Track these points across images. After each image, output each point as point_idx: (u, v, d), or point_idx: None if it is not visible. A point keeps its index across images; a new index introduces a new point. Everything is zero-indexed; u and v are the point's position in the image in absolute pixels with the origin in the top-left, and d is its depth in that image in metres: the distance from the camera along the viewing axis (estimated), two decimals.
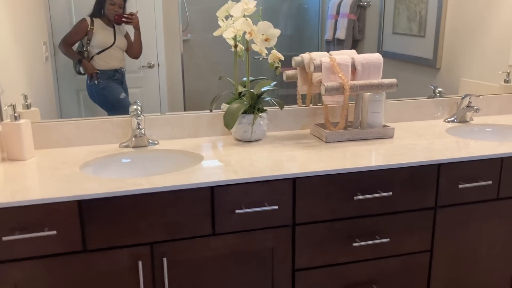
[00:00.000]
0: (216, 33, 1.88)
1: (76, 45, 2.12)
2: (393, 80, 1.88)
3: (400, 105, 2.20)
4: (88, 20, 2.12)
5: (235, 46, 1.90)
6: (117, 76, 2.18)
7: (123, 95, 2.19)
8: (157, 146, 1.84)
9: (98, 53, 2.13)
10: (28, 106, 1.83)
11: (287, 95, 2.19)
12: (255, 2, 1.77)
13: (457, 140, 1.89)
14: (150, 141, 1.85)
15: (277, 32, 1.76)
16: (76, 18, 2.22)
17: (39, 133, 1.79)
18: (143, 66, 2.34)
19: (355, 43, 2.69)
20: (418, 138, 1.91)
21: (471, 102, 2.16)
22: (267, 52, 1.80)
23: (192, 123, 1.95)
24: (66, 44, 2.11)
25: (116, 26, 2.17)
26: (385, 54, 2.64)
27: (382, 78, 1.93)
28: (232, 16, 1.80)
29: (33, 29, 2.04)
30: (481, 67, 2.34)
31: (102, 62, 2.16)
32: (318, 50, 2.89)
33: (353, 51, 2.08)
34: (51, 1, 2.14)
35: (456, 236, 1.78)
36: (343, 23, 2.69)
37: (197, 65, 2.53)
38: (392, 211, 1.66)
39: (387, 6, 2.60)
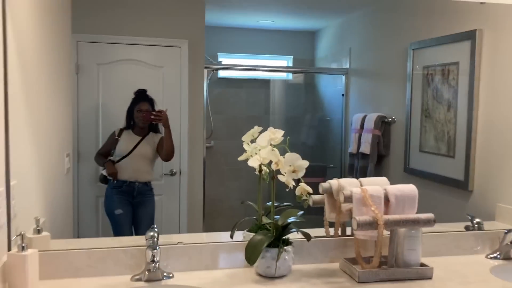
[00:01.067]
0: (241, 158, 1.81)
1: None
2: (431, 216, 1.74)
3: (435, 237, 2.03)
4: (117, 131, 2.13)
5: (260, 171, 1.80)
6: (123, 188, 2.13)
7: (118, 211, 2.12)
8: (172, 280, 1.68)
9: (118, 161, 2.10)
10: (39, 231, 1.72)
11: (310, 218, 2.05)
12: (283, 132, 1.70)
13: (504, 286, 1.69)
14: (165, 274, 1.70)
15: (305, 163, 1.67)
16: (103, 129, 2.23)
17: (47, 262, 1.66)
18: (165, 174, 2.30)
19: (380, 158, 2.63)
20: (460, 281, 1.72)
21: None
22: (294, 184, 1.69)
23: (211, 253, 1.80)
24: (98, 154, 2.12)
25: (148, 136, 2.15)
26: (412, 172, 2.56)
27: None
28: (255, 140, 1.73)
29: (57, 142, 2.03)
30: None
31: (119, 171, 2.11)
32: (341, 162, 2.83)
33: (385, 179, 1.97)
34: (80, 113, 2.17)
35: None
36: (367, 138, 2.65)
37: (219, 171, 2.50)
38: None
39: (413, 124, 2.56)
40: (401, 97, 2.60)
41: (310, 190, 1.72)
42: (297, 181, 1.73)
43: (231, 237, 1.80)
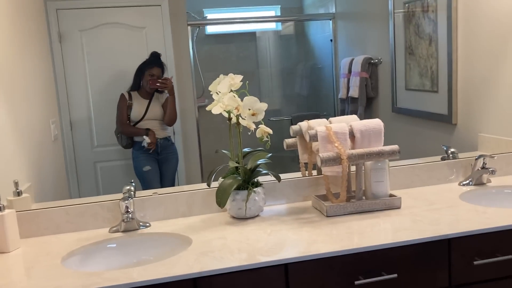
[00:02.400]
0: (208, 108, 1.83)
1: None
2: (395, 147, 1.76)
3: (410, 169, 2.06)
4: (126, 95, 2.17)
5: (230, 118, 1.83)
6: (146, 147, 2.19)
7: (146, 167, 2.19)
8: (148, 229, 1.75)
9: (134, 125, 2.16)
10: (19, 193, 1.78)
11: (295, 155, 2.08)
12: (241, 77, 1.71)
13: (471, 208, 1.72)
14: (141, 223, 1.76)
15: (264, 106, 1.69)
16: (92, 95, 2.25)
17: (28, 221, 1.74)
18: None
19: (369, 101, 2.63)
20: (428, 208, 1.76)
21: (486, 163, 2.00)
22: (255, 127, 1.72)
23: (186, 201, 1.86)
24: (122, 124, 2.17)
25: (154, 97, 2.19)
26: (399, 111, 2.57)
27: (399, 136, 1.81)
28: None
29: (40, 109, 2.06)
30: (499, 121, 2.19)
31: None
32: (334, 109, 2.84)
33: (354, 116, 1.99)
34: (68, 81, 2.20)
35: None
36: (355, 82, 2.64)
37: (216, 130, 2.50)
38: None
39: (397, 63, 2.55)
40: (385, 36, 2.57)
41: (270, 131, 1.74)
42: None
43: (208, 185, 1.85)
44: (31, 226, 1.74)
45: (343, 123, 1.82)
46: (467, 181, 2.03)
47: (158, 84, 2.21)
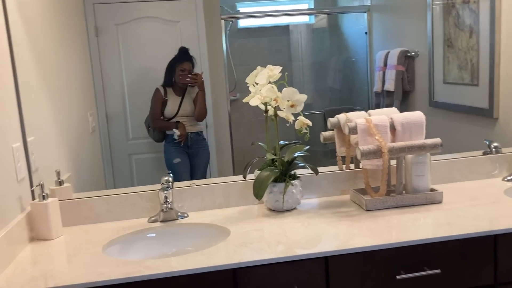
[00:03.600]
0: (245, 100, 1.82)
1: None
2: (437, 140, 1.72)
3: (450, 164, 2.00)
4: (161, 90, 2.20)
5: (266, 111, 1.82)
6: (177, 140, 2.21)
7: (176, 160, 2.22)
8: (186, 219, 1.76)
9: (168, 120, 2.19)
10: (60, 183, 1.82)
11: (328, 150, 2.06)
12: (280, 68, 1.70)
13: None
14: (179, 214, 1.78)
15: (303, 97, 1.67)
16: (128, 89, 2.29)
17: (69, 210, 1.77)
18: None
19: (406, 94, 2.58)
20: (471, 203, 1.71)
21: None
22: (293, 119, 1.71)
23: (223, 193, 1.86)
24: (154, 119, 2.20)
25: (186, 93, 2.21)
26: (437, 105, 2.51)
27: (436, 130, 1.77)
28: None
29: (78, 102, 2.11)
30: None
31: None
32: (368, 103, 2.80)
33: (394, 109, 1.95)
34: (104, 75, 2.23)
35: None
36: (391, 75, 2.60)
37: (247, 123, 2.51)
38: None
39: (435, 56, 2.49)
40: (423, 29, 2.51)
41: (309, 122, 1.72)
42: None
43: (244, 177, 1.85)
44: (73, 215, 1.78)
45: (383, 115, 1.79)
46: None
47: (188, 80, 2.22)
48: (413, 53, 2.54)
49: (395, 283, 1.42)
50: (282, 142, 1.85)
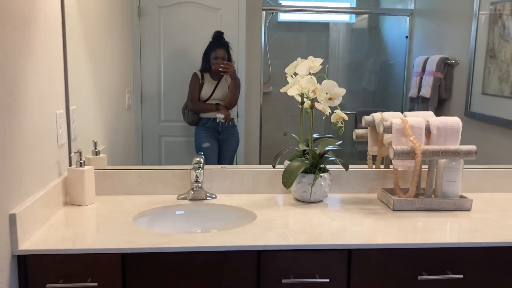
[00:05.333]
0: (283, 90, 1.85)
1: None
2: (472, 147, 1.71)
3: (482, 173, 1.99)
4: (199, 74, 2.24)
5: (302, 103, 1.84)
6: (208, 124, 2.25)
7: (206, 144, 2.26)
8: (214, 200, 1.80)
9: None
10: (97, 153, 1.88)
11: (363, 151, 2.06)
12: (322, 60, 1.71)
13: None
14: (208, 194, 1.82)
15: (342, 91, 1.68)
16: (164, 70, 2.33)
17: (103, 180, 1.83)
18: None
19: (441, 102, 2.54)
20: (501, 214, 1.69)
21: None
22: (330, 111, 1.72)
23: (252, 178, 1.89)
24: (193, 101, 2.25)
25: (222, 79, 2.26)
26: (473, 115, 2.47)
27: (469, 141, 1.75)
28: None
29: (117, 78, 2.16)
30: None
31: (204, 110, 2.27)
32: (402, 108, 2.77)
33: (431, 113, 1.94)
34: (143, 55, 2.28)
35: None
36: (428, 81, 2.57)
37: (277, 117, 2.52)
38: None
39: (476, 65, 2.45)
40: (466, 37, 2.47)
41: (345, 117, 1.73)
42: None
43: (273, 166, 1.88)
44: (106, 184, 1.84)
45: (419, 117, 1.78)
46: None
47: (221, 69, 2.25)
48: (453, 61, 2.50)
49: (417, 283, 1.42)
50: (314, 135, 1.86)
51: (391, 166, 1.95)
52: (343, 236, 1.45)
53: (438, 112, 2.49)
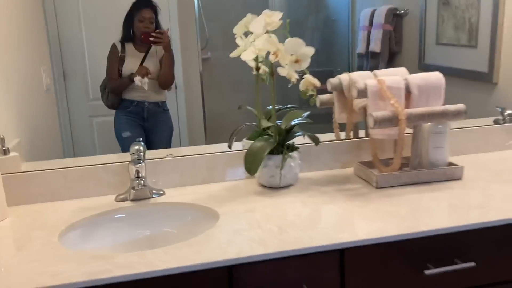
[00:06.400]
0: (233, 54, 1.52)
1: None
2: (461, 106, 1.47)
3: (464, 134, 1.78)
4: (118, 45, 1.83)
5: (257, 68, 1.52)
6: (131, 108, 1.87)
7: (126, 133, 1.88)
8: (162, 197, 1.47)
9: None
10: (5, 152, 1.49)
11: (318, 114, 1.81)
12: (281, 14, 1.39)
13: None
14: (154, 191, 1.48)
15: (310, 51, 1.38)
16: (87, 41, 1.96)
17: (17, 186, 1.45)
18: None
19: (392, 56, 2.38)
20: (496, 179, 1.48)
21: None
22: (297, 77, 1.41)
23: (206, 166, 1.57)
24: (111, 79, 1.83)
25: (151, 50, 1.85)
26: (428, 68, 2.30)
27: None
28: (252, 32, 1.43)
29: (27, 56, 1.79)
30: None
31: (126, 91, 1.87)
32: (349, 65, 2.58)
33: (403, 69, 1.69)
34: (60, 27, 1.89)
35: None
36: (377, 35, 2.38)
37: (219, 85, 2.29)
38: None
39: (428, 14, 2.28)
40: None
41: (318, 83, 1.44)
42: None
43: (229, 147, 1.56)
44: (22, 191, 1.45)
45: (397, 76, 1.52)
46: None
47: (152, 39, 1.87)
48: (402, 11, 2.32)
49: (423, 279, 1.18)
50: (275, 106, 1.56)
51: (361, 134, 1.70)
52: (330, 232, 1.17)
53: (390, 67, 2.32)
